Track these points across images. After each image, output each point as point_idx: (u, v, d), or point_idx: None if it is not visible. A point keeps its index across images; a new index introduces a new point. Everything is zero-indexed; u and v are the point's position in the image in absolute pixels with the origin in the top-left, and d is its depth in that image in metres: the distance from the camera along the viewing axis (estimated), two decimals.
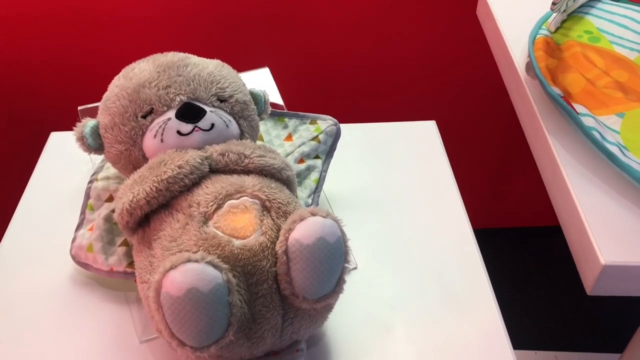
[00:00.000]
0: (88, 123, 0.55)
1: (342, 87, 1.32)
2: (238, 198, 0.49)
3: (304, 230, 0.46)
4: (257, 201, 0.49)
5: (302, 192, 0.62)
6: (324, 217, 0.47)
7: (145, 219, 0.51)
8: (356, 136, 0.77)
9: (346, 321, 0.56)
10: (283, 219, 0.49)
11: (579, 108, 0.71)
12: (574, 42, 0.82)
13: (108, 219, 0.58)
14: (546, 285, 1.52)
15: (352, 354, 0.54)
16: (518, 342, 1.38)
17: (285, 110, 0.67)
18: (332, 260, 0.47)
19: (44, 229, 0.65)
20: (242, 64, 0.71)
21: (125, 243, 0.57)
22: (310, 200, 0.62)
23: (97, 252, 0.57)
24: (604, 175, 0.64)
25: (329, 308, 0.50)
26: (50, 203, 0.68)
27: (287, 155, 0.64)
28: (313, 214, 0.47)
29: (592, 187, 0.64)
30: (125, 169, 0.55)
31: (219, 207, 0.49)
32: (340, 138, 0.67)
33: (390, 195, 0.70)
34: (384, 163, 0.74)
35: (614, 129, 0.71)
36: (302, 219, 0.46)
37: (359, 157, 0.74)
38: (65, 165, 0.71)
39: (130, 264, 0.56)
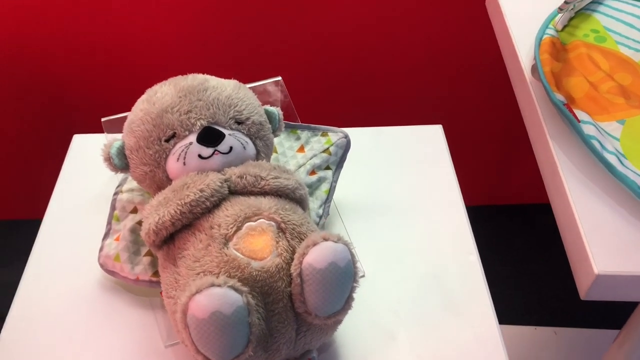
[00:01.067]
0: (114, 144, 0.59)
1: (349, 90, 1.35)
2: (256, 220, 0.53)
3: (317, 255, 0.50)
4: (273, 223, 0.54)
5: (314, 203, 0.66)
6: (336, 242, 0.51)
7: (170, 237, 0.55)
8: (363, 141, 0.79)
9: (353, 327, 0.60)
10: (297, 239, 0.53)
11: (581, 115, 0.73)
12: (580, 42, 0.84)
13: (133, 230, 0.62)
14: (548, 262, 1.56)
15: (359, 358, 0.59)
16: (519, 318, 1.44)
17: (298, 123, 0.71)
18: (342, 282, 0.51)
19: (72, 234, 0.69)
20: (254, 72, 0.73)
21: (150, 253, 0.62)
22: (321, 211, 0.66)
23: (124, 262, 0.61)
24: (602, 183, 0.67)
25: (338, 322, 0.55)
26: (77, 207, 0.72)
27: (300, 166, 0.67)
28: (325, 239, 0.51)
29: (590, 194, 0.67)
30: (150, 187, 0.59)
31: (238, 229, 0.53)
32: (348, 137, 0.70)
33: (396, 202, 0.73)
34: (390, 168, 0.77)
35: (614, 135, 0.73)
36: (314, 244, 0.50)
37: (365, 162, 0.77)
38: (89, 169, 0.75)
39: (155, 273, 0.61)
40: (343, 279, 0.51)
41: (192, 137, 0.56)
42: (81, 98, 1.30)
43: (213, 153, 0.56)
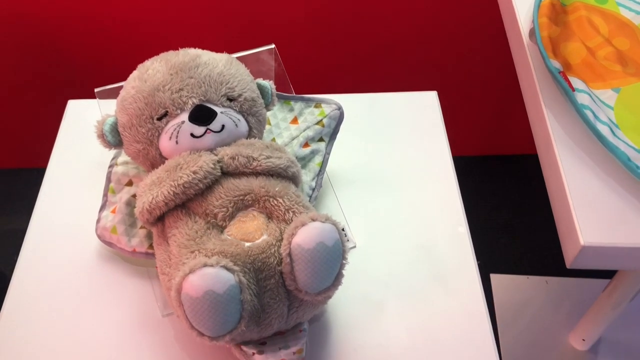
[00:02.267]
0: (107, 120, 0.59)
1: (343, 57, 1.33)
2: (246, 210, 0.55)
3: (305, 236, 0.51)
4: (262, 212, 0.55)
5: (307, 176, 0.67)
6: (323, 222, 0.52)
7: (164, 214, 0.57)
8: (356, 108, 0.79)
9: (344, 298, 0.62)
10: (285, 223, 0.55)
11: (576, 82, 0.73)
12: (581, 4, 0.83)
13: (129, 203, 0.64)
14: (542, 212, 1.58)
15: (349, 329, 0.61)
16: (512, 267, 1.47)
17: (291, 94, 0.71)
18: (330, 261, 0.52)
19: (69, 204, 0.71)
20: (247, 41, 0.73)
21: None
22: (314, 183, 0.67)
23: (121, 235, 0.63)
24: (594, 154, 0.68)
25: (328, 297, 0.57)
26: (73, 175, 0.73)
27: (293, 139, 0.68)
28: (313, 220, 0.52)
29: (582, 165, 0.68)
30: (143, 164, 0.60)
31: (232, 217, 0.55)
32: (342, 109, 0.70)
33: (388, 172, 0.74)
34: (383, 137, 0.78)
35: (609, 104, 0.74)
36: (303, 225, 0.52)
37: (358, 130, 0.78)
38: (85, 135, 0.74)
39: (151, 245, 0.62)
40: (331, 257, 0.52)
41: (184, 116, 0.57)
42: (75, 65, 1.30)
43: (205, 132, 0.57)
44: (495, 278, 1.43)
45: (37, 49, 1.29)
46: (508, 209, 1.58)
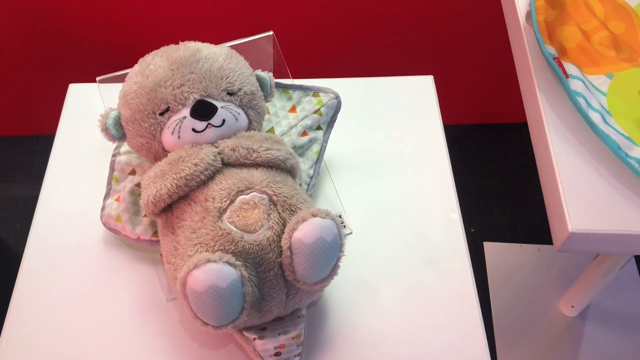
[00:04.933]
0: (111, 114, 0.61)
1: (340, 41, 1.32)
2: (248, 194, 0.57)
3: (306, 231, 0.54)
4: (264, 196, 0.57)
5: (305, 164, 0.69)
6: (323, 217, 0.54)
7: (168, 206, 0.59)
8: (353, 93, 0.80)
9: (341, 283, 0.65)
10: (288, 211, 0.57)
11: (570, 68, 0.74)
12: None
13: (132, 192, 0.66)
14: (536, 181, 1.60)
15: (345, 313, 0.64)
16: (506, 236, 1.50)
17: (290, 83, 0.72)
18: (328, 254, 0.55)
19: (74, 189, 0.73)
20: (245, 27, 0.73)
21: None
22: (311, 172, 0.69)
23: (125, 223, 0.65)
24: (586, 141, 0.69)
25: (325, 286, 0.59)
26: (77, 160, 0.75)
27: (292, 127, 0.69)
28: (314, 215, 0.54)
29: (573, 150, 0.70)
30: (147, 157, 0.62)
31: (232, 202, 0.56)
32: (339, 93, 0.71)
33: (384, 157, 0.76)
34: (379, 121, 0.79)
35: (602, 90, 0.75)
36: (304, 220, 0.54)
37: (355, 115, 0.79)
38: (87, 119, 0.76)
39: (155, 233, 0.65)
40: (329, 251, 0.55)
41: (186, 111, 0.58)
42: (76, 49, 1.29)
43: (206, 127, 0.58)
44: (488, 246, 1.45)
45: (42, 24, 1.29)
46: (502, 177, 1.60)
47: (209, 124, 0.58)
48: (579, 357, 1.28)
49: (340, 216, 0.70)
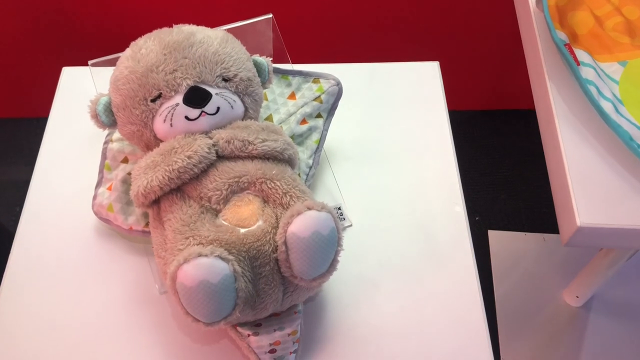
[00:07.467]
0: (101, 100, 0.58)
1: (342, 25, 1.28)
2: (242, 195, 0.55)
3: (301, 225, 0.51)
4: (258, 196, 0.55)
5: (304, 154, 0.66)
6: (319, 210, 0.52)
7: (159, 197, 0.56)
8: (356, 79, 0.78)
9: (339, 277, 0.62)
10: (281, 207, 0.55)
11: (582, 55, 0.71)
12: None
13: (124, 180, 0.63)
14: (542, 169, 1.58)
15: (343, 309, 0.62)
16: (511, 224, 1.48)
17: (289, 68, 0.69)
18: (326, 249, 0.53)
19: (66, 176, 0.70)
20: (244, 10, 0.70)
21: None
22: (311, 161, 0.66)
23: (117, 212, 0.63)
24: (596, 131, 0.67)
25: (323, 282, 0.57)
26: (69, 147, 0.73)
27: (290, 115, 0.67)
28: (309, 208, 0.52)
29: (583, 141, 0.67)
30: (138, 145, 0.59)
31: (227, 201, 0.54)
32: (340, 79, 0.68)
33: (387, 147, 0.73)
34: (382, 109, 0.76)
35: (614, 78, 0.72)
36: (298, 214, 0.52)
37: (357, 102, 0.76)
38: (80, 103, 0.73)
39: (148, 224, 0.62)
40: (326, 245, 0.52)
41: (179, 98, 0.56)
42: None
43: (200, 114, 0.56)
44: (492, 234, 1.43)
45: (36, 7, 1.27)
46: (508, 164, 1.58)
47: (202, 111, 0.56)
48: (582, 347, 1.27)
49: (339, 208, 0.68)
